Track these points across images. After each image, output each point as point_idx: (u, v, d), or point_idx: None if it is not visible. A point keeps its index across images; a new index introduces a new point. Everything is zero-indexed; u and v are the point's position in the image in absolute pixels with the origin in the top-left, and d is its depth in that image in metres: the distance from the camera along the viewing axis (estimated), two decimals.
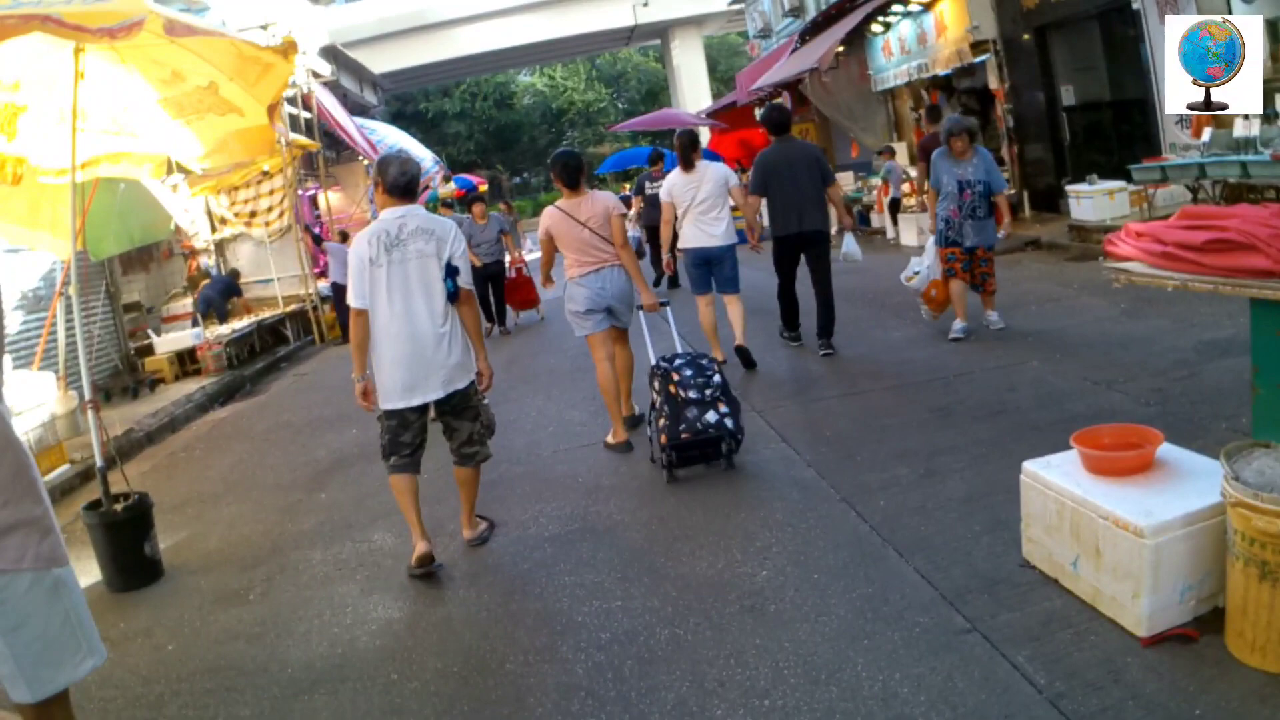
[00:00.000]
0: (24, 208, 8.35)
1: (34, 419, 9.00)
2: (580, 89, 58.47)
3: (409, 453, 5.28)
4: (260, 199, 17.52)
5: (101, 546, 6.00)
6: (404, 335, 5.00)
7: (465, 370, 5.21)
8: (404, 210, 5.08)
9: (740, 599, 4.30)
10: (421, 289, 5.01)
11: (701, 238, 8.44)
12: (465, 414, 5.34)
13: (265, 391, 13.54)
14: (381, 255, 4.99)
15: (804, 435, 6.64)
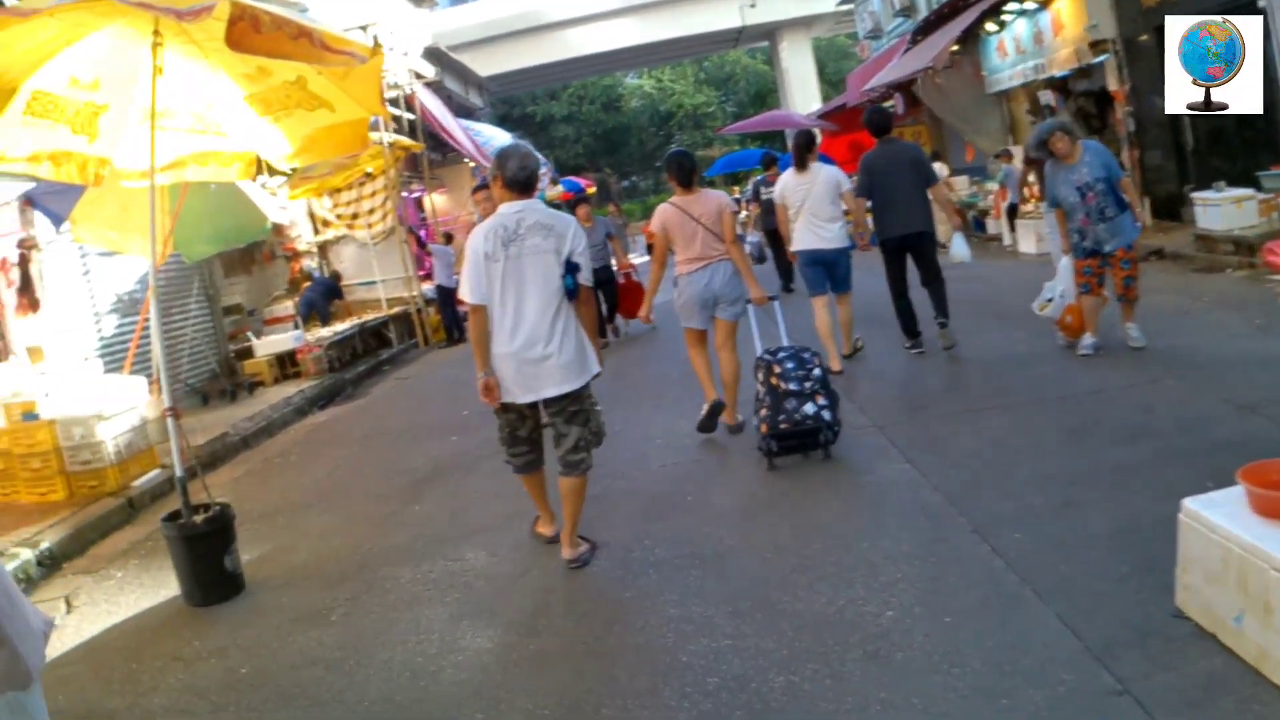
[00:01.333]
0: (115, 210, 8.78)
1: (124, 423, 9.44)
2: (688, 91, 60.61)
3: (526, 449, 5.65)
4: (363, 201, 18.37)
5: (180, 559, 6.23)
6: (518, 333, 5.21)
7: (578, 371, 5.33)
8: (522, 205, 5.30)
9: (863, 642, 4.17)
10: (536, 285, 5.20)
11: (813, 240, 9.04)
12: (576, 418, 5.45)
13: (366, 395, 13.96)
14: (498, 250, 5.20)
15: (929, 455, 6.52)
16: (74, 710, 4.96)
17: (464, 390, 12.19)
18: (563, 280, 5.23)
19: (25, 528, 8.29)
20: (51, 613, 6.53)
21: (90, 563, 7.68)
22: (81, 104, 6.69)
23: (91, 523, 8.43)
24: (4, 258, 10.99)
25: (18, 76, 6.10)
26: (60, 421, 9.28)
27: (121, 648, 5.71)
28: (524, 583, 5.58)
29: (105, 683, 5.23)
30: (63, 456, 9.32)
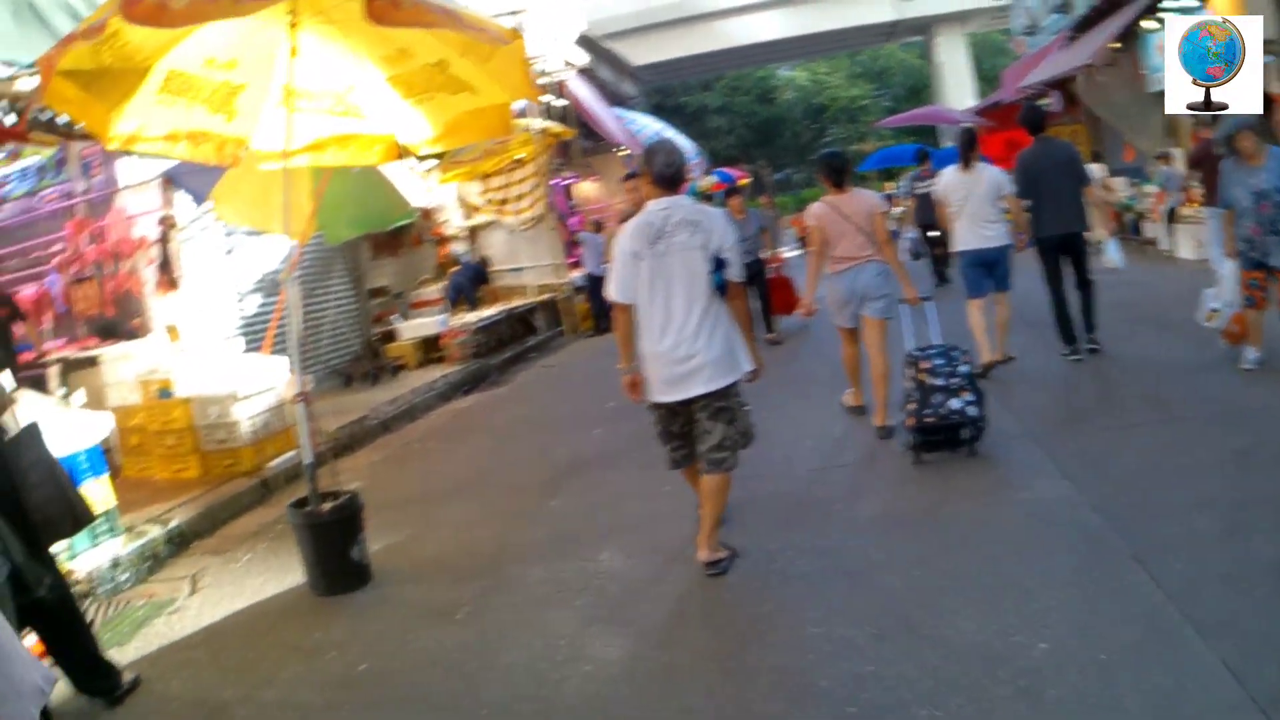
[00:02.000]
0: (255, 190, 8.96)
1: (261, 403, 9.71)
2: (842, 85, 61.20)
3: (680, 444, 5.65)
4: (512, 187, 18.48)
5: (306, 547, 6.30)
6: (665, 331, 5.30)
7: (727, 369, 5.35)
8: (669, 202, 5.37)
9: (1014, 677, 3.93)
10: (683, 283, 5.27)
11: (976, 240, 9.15)
12: (720, 415, 5.41)
13: (510, 383, 14.08)
14: (645, 249, 5.29)
15: (1086, 471, 6.23)
16: (187, 697, 5.05)
17: (609, 381, 12.10)
18: (711, 276, 5.27)
19: (157, 505, 8.57)
20: (174, 593, 6.76)
21: (219, 543, 7.89)
22: (218, 83, 6.82)
23: (223, 502, 8.67)
24: (144, 236, 11.44)
25: (151, 56, 6.24)
26: (196, 400, 9.58)
27: (241, 634, 5.82)
28: (659, 589, 5.46)
29: (221, 670, 5.32)
30: (198, 435, 9.61)
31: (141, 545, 7.51)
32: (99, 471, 7.45)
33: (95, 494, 7.35)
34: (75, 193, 11.96)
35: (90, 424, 7.62)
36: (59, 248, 11.90)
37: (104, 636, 6.00)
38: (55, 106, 7.06)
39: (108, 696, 5.06)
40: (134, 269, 11.48)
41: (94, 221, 11.63)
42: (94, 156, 11.65)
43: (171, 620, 6.25)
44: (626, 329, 5.45)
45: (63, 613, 4.96)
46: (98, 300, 11.59)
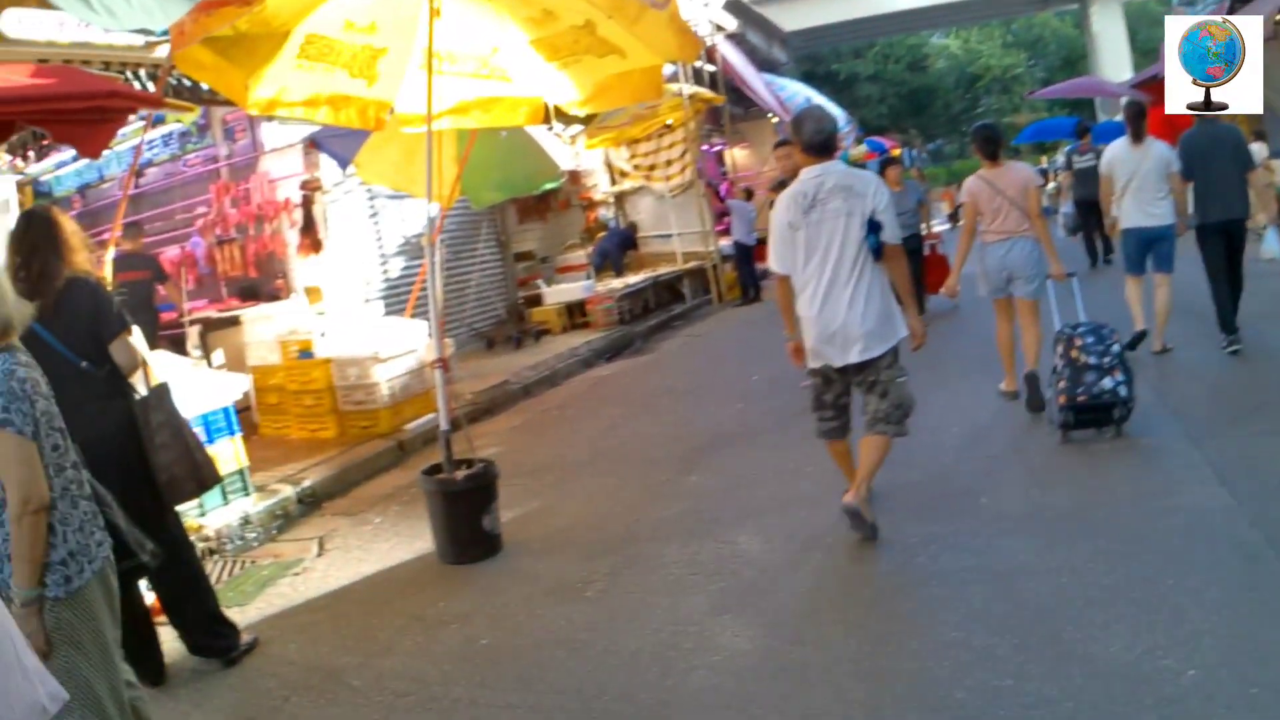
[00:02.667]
0: (399, 154, 8.96)
1: (401, 365, 9.66)
2: (995, 53, 59.48)
3: (832, 415, 5.59)
4: (661, 152, 18.46)
5: (437, 515, 6.16)
6: (822, 298, 5.27)
7: (881, 338, 5.29)
8: (821, 169, 5.31)
9: (1158, 705, 3.52)
10: (838, 249, 5.23)
11: (1142, 217, 8.86)
12: (875, 387, 5.40)
13: (654, 351, 13.89)
14: (800, 218, 5.29)
15: (1246, 479, 5.63)
16: (303, 662, 4.95)
17: (755, 352, 12.05)
18: (865, 240, 5.20)
19: (291, 464, 8.60)
20: (301, 553, 6.72)
21: (351, 504, 7.86)
22: (359, 47, 6.78)
23: (358, 464, 8.64)
24: (287, 199, 11.54)
25: (290, 20, 6.21)
26: (336, 361, 9.59)
27: (364, 600, 5.71)
28: (796, 579, 5.13)
29: (341, 636, 5.20)
30: (336, 395, 9.65)
31: (272, 504, 7.51)
32: (232, 431, 7.47)
33: (227, 453, 7.39)
34: (219, 157, 12.17)
35: (225, 385, 7.63)
36: (203, 211, 12.14)
37: (227, 596, 6.00)
38: (191, 73, 7.09)
39: (223, 656, 5.00)
40: (277, 231, 11.61)
41: (238, 185, 11.82)
42: (237, 122, 11.83)
43: (296, 581, 6.19)
44: (786, 299, 5.51)
45: (178, 573, 4.89)
46: (240, 262, 11.79)
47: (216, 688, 4.84)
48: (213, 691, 4.81)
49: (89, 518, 3.16)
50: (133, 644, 4.91)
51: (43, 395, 3.08)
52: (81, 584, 3.03)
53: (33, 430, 2.97)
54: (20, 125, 5.68)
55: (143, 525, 4.77)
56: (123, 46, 8.73)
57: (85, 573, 3.06)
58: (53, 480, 3.02)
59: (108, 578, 3.18)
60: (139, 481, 4.67)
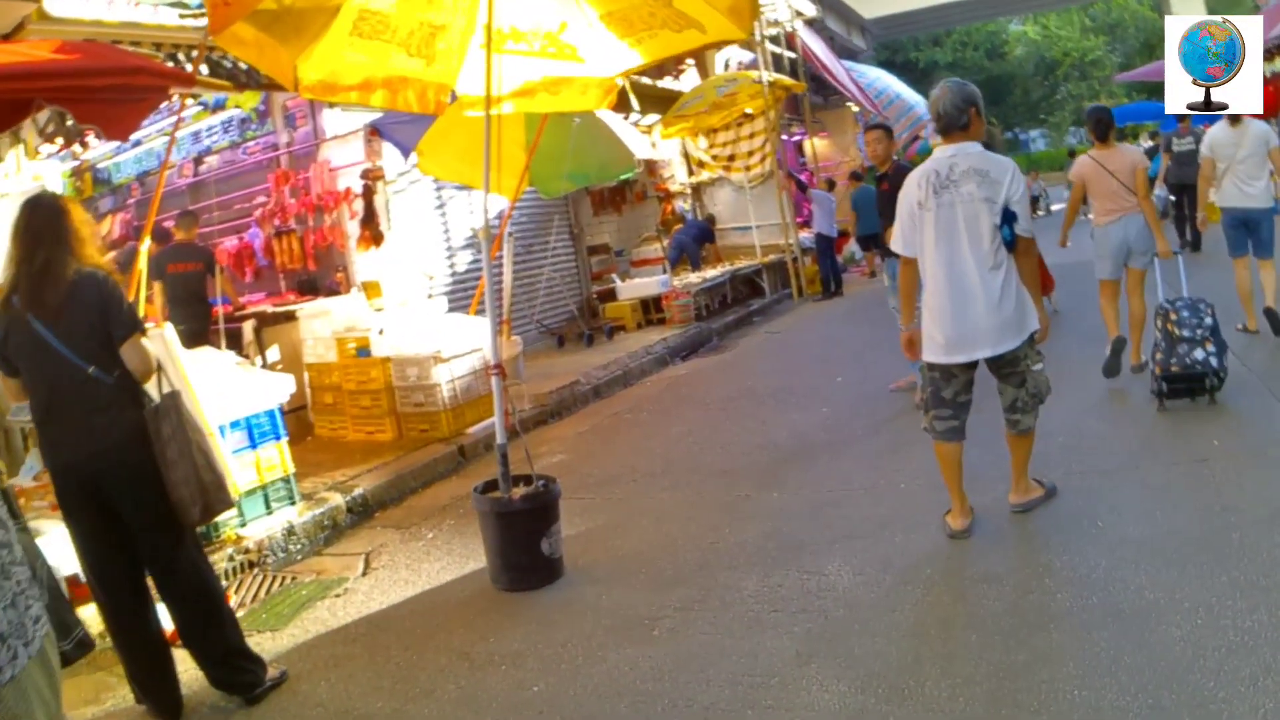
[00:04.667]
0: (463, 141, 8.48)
1: (463, 365, 9.19)
2: (1074, 38, 59.25)
3: (950, 414, 5.32)
4: (740, 142, 18.08)
5: (491, 537, 5.64)
6: (949, 287, 5.08)
7: (1017, 329, 5.09)
8: (955, 149, 5.11)
9: None
10: (970, 236, 5.03)
11: (1239, 197, 8.92)
12: (1011, 378, 5.26)
13: (732, 349, 13.35)
14: (930, 198, 5.09)
15: None
16: (332, 704, 4.47)
17: (839, 351, 11.51)
18: (999, 230, 4.99)
19: (344, 469, 8.18)
20: (345, 571, 6.28)
21: (404, 515, 7.41)
22: (416, 23, 6.38)
23: (415, 470, 8.19)
24: (347, 189, 11.12)
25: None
26: (395, 360, 9.16)
27: (406, 631, 5.18)
28: (892, 620, 4.47)
29: (377, 674, 4.70)
30: (395, 396, 9.22)
31: (319, 514, 7.09)
32: (277, 435, 7.04)
33: (272, 459, 6.97)
34: (278, 145, 11.84)
35: (271, 385, 7.18)
36: (261, 200, 11.84)
37: (261, 618, 5.60)
38: (230, 50, 6.65)
39: (246, 694, 4.52)
40: (336, 223, 11.24)
41: (297, 174, 11.47)
42: (298, 108, 11.50)
43: (336, 605, 5.72)
44: (909, 285, 5.36)
45: (197, 603, 4.42)
46: (299, 254, 11.44)
47: None
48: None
49: (22, 588, 2.50)
50: (144, 674, 4.47)
51: None
52: (15, 673, 2.44)
53: None
54: (39, 104, 5.23)
55: (160, 549, 4.33)
56: (173, 27, 8.32)
57: (20, 659, 2.40)
58: None
59: (48, 659, 2.57)
60: (153, 501, 4.21)
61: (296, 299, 10.80)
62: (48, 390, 4.19)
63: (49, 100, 5.22)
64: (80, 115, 5.45)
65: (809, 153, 22.61)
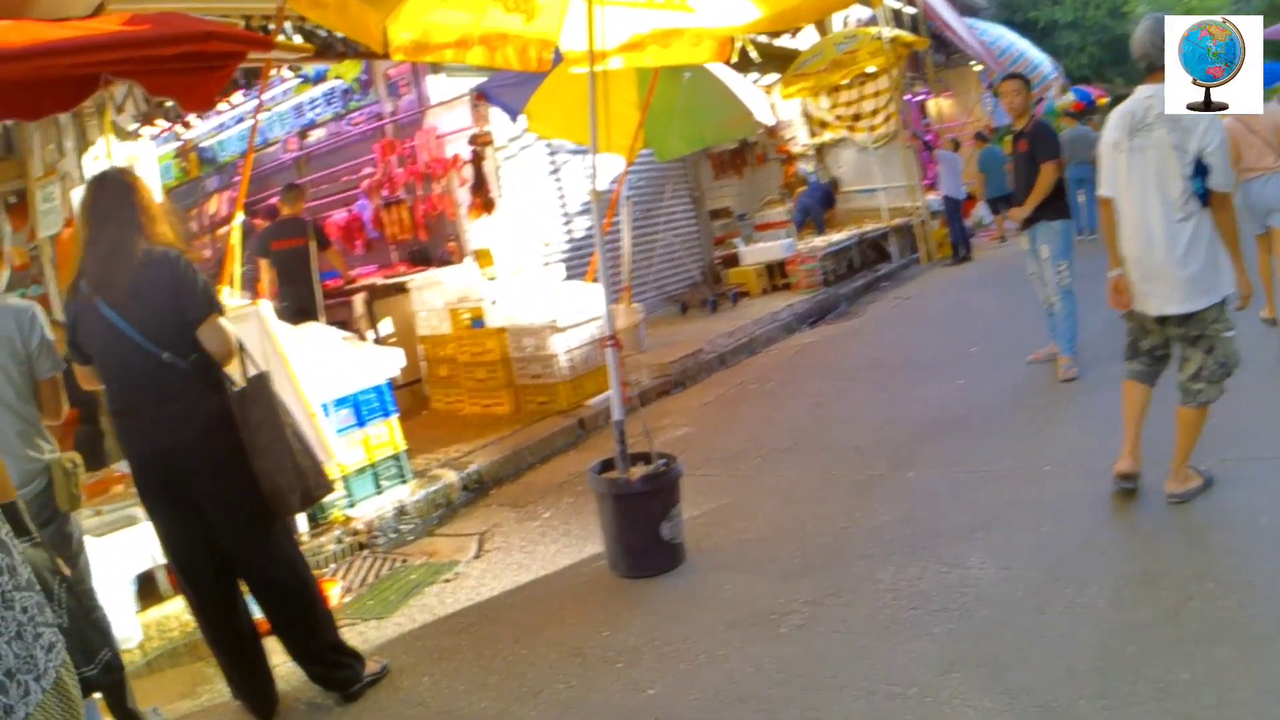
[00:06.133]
0: (574, 101, 8.13)
1: (582, 335, 8.92)
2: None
3: (1146, 364, 5.22)
4: (864, 101, 17.61)
5: (609, 520, 5.33)
6: (1137, 235, 4.98)
7: (1204, 289, 4.84)
8: (1153, 90, 4.88)
9: None
10: (1157, 184, 4.88)
11: None
12: (1198, 343, 4.94)
13: (860, 315, 12.92)
14: (1124, 139, 4.97)
15: None
16: (434, 703, 4.23)
17: (972, 319, 10.99)
18: (1189, 181, 4.77)
19: (460, 444, 8.00)
20: (457, 554, 6.07)
21: (520, 493, 7.19)
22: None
23: (532, 445, 7.97)
24: (455, 155, 10.88)
25: None
26: (511, 330, 8.93)
27: (517, 622, 4.91)
28: (1041, 624, 4.00)
29: (483, 669, 4.44)
30: (512, 368, 8.98)
31: (432, 492, 6.89)
32: (386, 412, 6.84)
33: (382, 436, 6.78)
34: (383, 114, 11.67)
35: (380, 360, 6.98)
36: (368, 171, 11.70)
37: (367, 604, 5.41)
38: (307, 14, 6.36)
39: (343, 690, 4.30)
40: (446, 191, 11.02)
41: (403, 143, 11.29)
42: (400, 76, 11.29)
43: (445, 590, 5.49)
44: (1109, 227, 5.20)
45: (289, 599, 4.20)
46: (409, 224, 11.26)
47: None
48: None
49: (30, 616, 2.20)
50: (235, 670, 4.26)
51: None
52: (28, 711, 2.16)
53: None
54: (107, 79, 5.01)
55: (246, 543, 4.11)
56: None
57: (33, 694, 2.14)
58: None
59: (66, 690, 2.31)
60: (238, 493, 3.98)
61: (407, 270, 10.62)
62: (121, 379, 3.97)
63: (117, 74, 4.99)
64: (152, 88, 5.22)
65: (933, 113, 22.01)
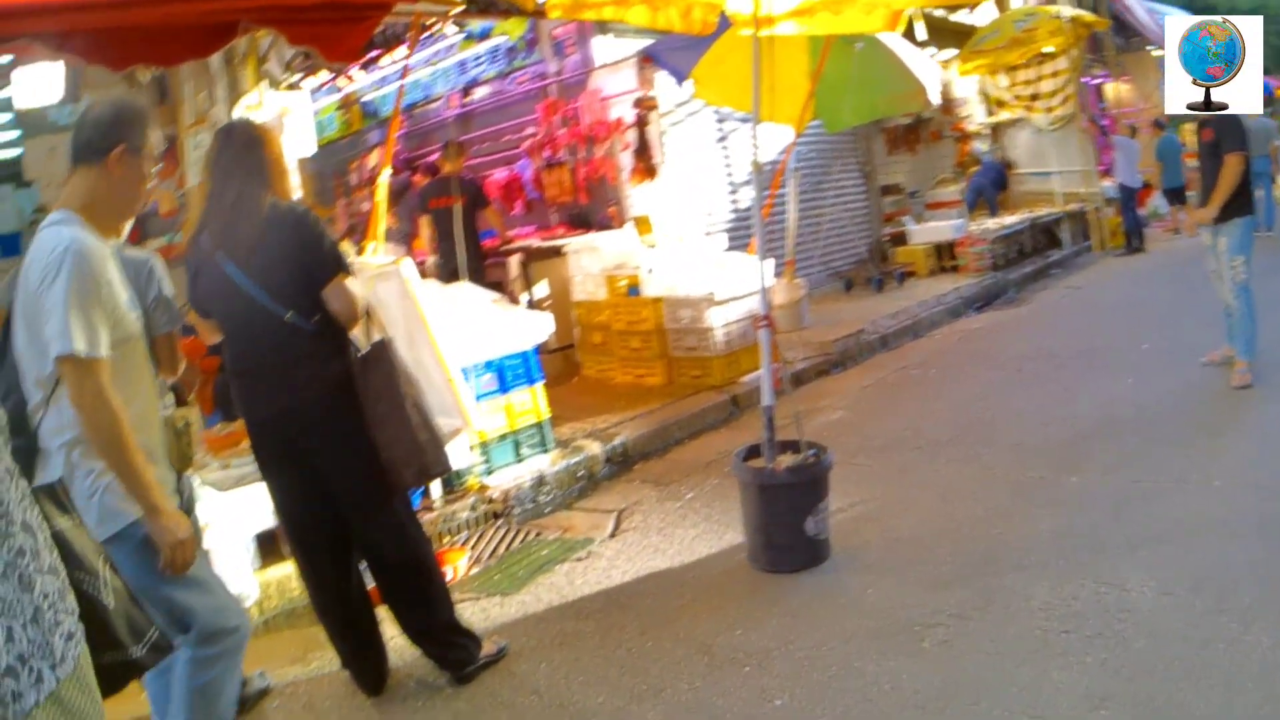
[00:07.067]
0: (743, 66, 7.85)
1: (741, 308, 8.69)
2: None
3: None
4: (1042, 81, 16.89)
5: (751, 511, 5.06)
6: None
7: None
8: None
9: None
10: None
11: None
12: None
13: (1028, 303, 12.39)
14: None
15: None
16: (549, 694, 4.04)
17: (1143, 314, 10.52)
18: None
19: (607, 414, 7.86)
20: (593, 530, 5.90)
21: (665, 470, 6.97)
22: None
23: (682, 420, 7.76)
24: (619, 119, 10.69)
25: None
26: (667, 300, 8.73)
27: (647, 611, 4.68)
28: (1203, 661, 3.57)
29: (605, 661, 4.23)
30: (666, 339, 8.80)
31: (574, 463, 6.73)
32: (531, 379, 6.68)
33: (526, 403, 6.62)
34: (547, 74, 11.55)
35: (527, 325, 6.81)
36: (530, 131, 11.61)
37: (494, 579, 5.27)
38: None
39: (457, 671, 4.12)
40: (608, 155, 10.85)
41: (567, 104, 11.17)
42: (566, 36, 11.14)
43: (575, 570, 5.29)
44: None
45: (405, 576, 4.04)
46: (569, 187, 11.15)
47: (435, 714, 3.99)
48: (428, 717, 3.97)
49: (50, 601, 2.07)
50: (344, 643, 4.12)
51: None
52: (39, 699, 2.00)
53: None
54: (246, 27, 4.89)
55: (363, 514, 3.95)
56: None
57: (46, 681, 2.00)
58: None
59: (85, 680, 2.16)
60: (357, 462, 3.80)
61: (566, 233, 10.50)
62: (241, 338, 3.82)
63: (256, 22, 4.87)
64: (293, 37, 5.10)
65: (1110, 97, 21.12)
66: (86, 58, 4.80)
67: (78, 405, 2.81)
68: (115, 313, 2.94)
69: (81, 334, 2.77)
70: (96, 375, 2.81)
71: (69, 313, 2.76)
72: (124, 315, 2.98)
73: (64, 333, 2.76)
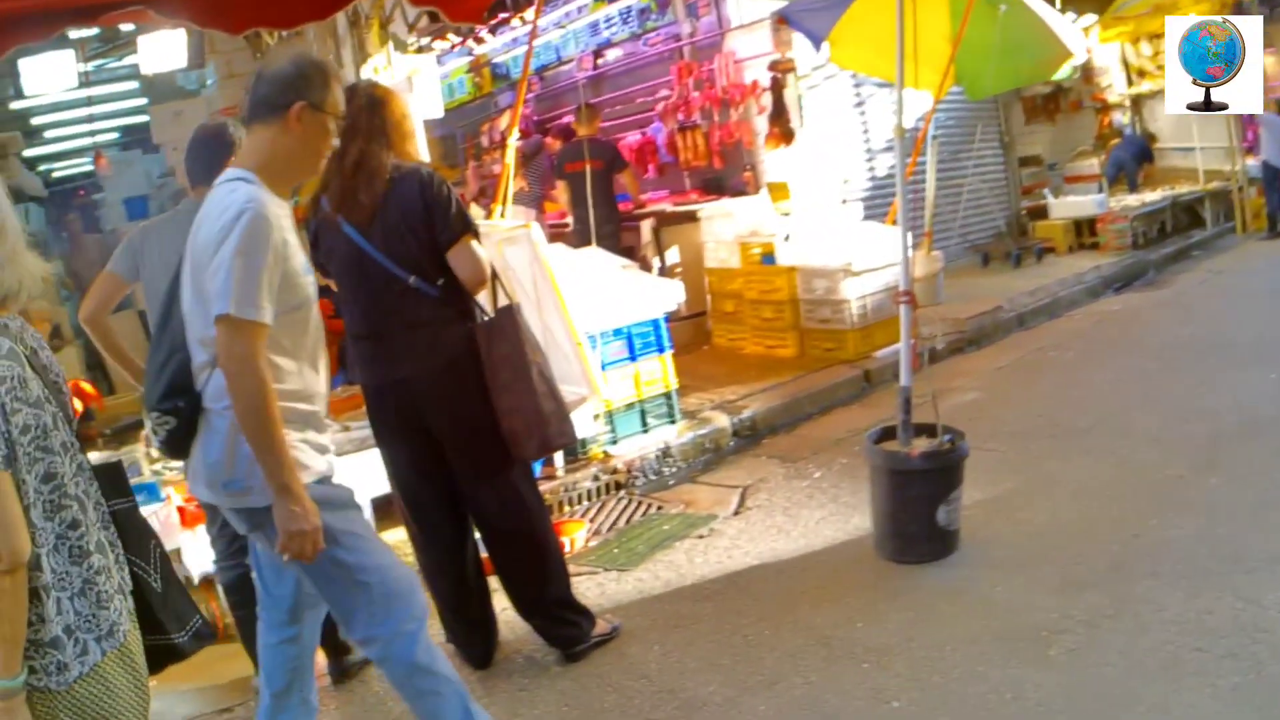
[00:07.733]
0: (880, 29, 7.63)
1: (877, 281, 8.53)
2: None
3: None
4: None
5: (880, 497, 4.93)
6: None
7: None
8: None
9: None
10: None
11: None
12: None
13: (1169, 285, 11.86)
14: None
15: None
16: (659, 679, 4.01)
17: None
18: None
19: (736, 385, 7.81)
20: (716, 506, 5.83)
21: (793, 445, 6.88)
22: None
23: (813, 394, 7.69)
24: (754, 81, 10.52)
25: None
26: (801, 270, 8.62)
27: (766, 596, 4.62)
28: None
29: (718, 648, 4.19)
30: (799, 309, 8.70)
31: (700, 435, 6.72)
32: (660, 348, 6.65)
33: (654, 373, 6.58)
34: (680, 35, 11.46)
35: (657, 292, 6.76)
36: (663, 94, 11.52)
37: (612, 553, 5.25)
38: None
39: (567, 649, 4.13)
40: (743, 118, 10.71)
41: (700, 66, 11.06)
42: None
43: (696, 548, 5.25)
44: None
45: (520, 548, 4.03)
46: (703, 151, 11.05)
47: (541, 693, 3.99)
48: (533, 698, 3.97)
49: (98, 576, 2.17)
50: (453, 615, 4.12)
51: (27, 402, 2.07)
52: (84, 671, 2.10)
53: (6, 455, 2.01)
54: None
55: (480, 484, 3.93)
56: None
57: (92, 654, 2.12)
58: (40, 526, 2.07)
59: (131, 658, 2.20)
60: (477, 430, 3.79)
61: (699, 198, 10.42)
62: (362, 302, 3.82)
63: None
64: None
65: None
66: (202, 21, 4.82)
67: (225, 367, 2.73)
68: (290, 277, 2.84)
69: (243, 295, 2.68)
70: (249, 339, 2.70)
71: (233, 273, 2.68)
72: (299, 280, 2.89)
73: (224, 292, 2.67)
